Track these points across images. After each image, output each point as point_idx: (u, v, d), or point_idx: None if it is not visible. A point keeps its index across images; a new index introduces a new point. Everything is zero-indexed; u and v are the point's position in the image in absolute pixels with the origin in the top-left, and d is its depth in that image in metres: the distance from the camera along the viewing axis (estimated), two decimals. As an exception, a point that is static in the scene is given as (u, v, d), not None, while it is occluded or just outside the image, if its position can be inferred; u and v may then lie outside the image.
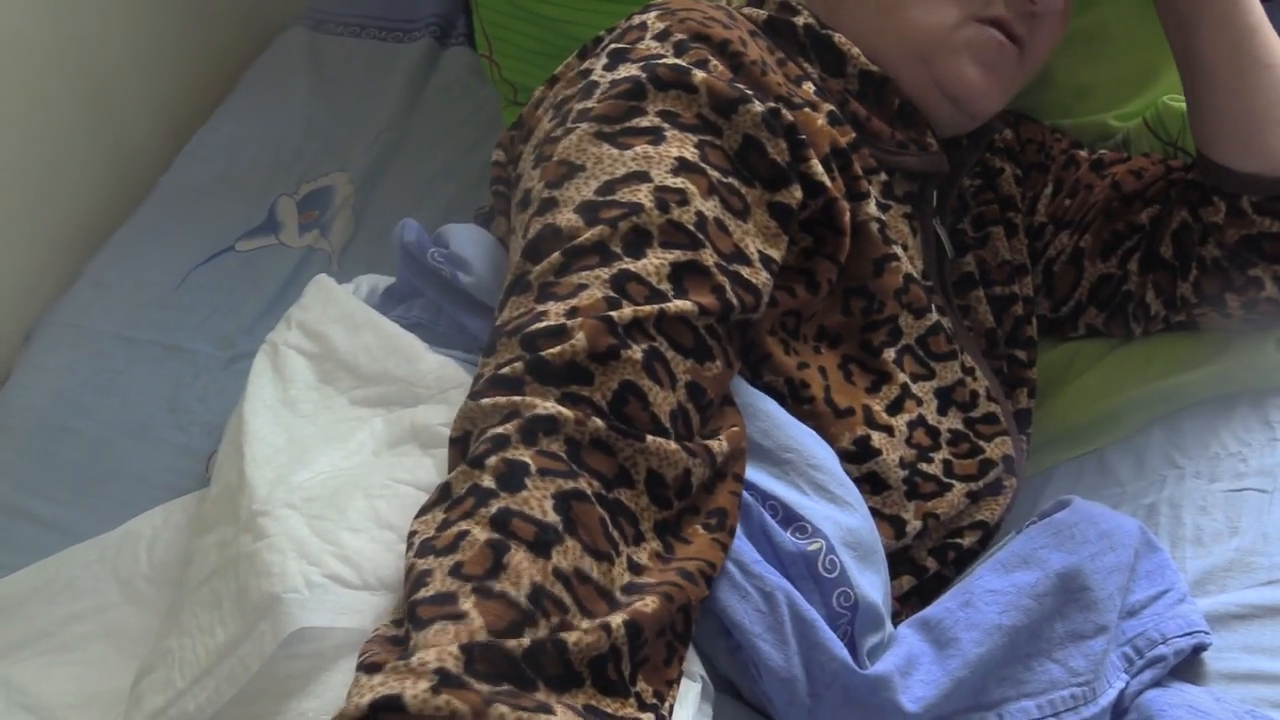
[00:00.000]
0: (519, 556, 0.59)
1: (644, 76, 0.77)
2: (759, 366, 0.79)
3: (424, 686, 0.54)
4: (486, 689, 0.55)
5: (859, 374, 0.84)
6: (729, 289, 0.72)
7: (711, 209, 0.74)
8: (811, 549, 0.71)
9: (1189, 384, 0.95)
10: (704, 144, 0.76)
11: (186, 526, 0.89)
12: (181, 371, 1.19)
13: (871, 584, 0.72)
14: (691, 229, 0.72)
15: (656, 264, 0.70)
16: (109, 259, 1.32)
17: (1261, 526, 0.84)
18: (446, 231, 0.90)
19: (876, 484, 0.81)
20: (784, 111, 0.78)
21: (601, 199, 0.72)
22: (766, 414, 0.75)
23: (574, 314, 0.67)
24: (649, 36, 0.81)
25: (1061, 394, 1.01)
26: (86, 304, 1.28)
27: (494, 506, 0.61)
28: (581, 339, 0.66)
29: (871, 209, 0.83)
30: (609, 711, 0.59)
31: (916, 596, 0.83)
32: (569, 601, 0.60)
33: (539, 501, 0.61)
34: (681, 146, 0.75)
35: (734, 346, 0.74)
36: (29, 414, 1.18)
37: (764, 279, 0.75)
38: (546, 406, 0.64)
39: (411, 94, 1.44)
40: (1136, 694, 0.75)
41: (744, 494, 0.70)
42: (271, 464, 0.77)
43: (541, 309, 0.68)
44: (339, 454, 0.78)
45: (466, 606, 0.57)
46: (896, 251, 0.84)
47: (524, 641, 0.57)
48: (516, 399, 0.65)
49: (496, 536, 0.60)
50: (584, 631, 0.58)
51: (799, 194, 0.78)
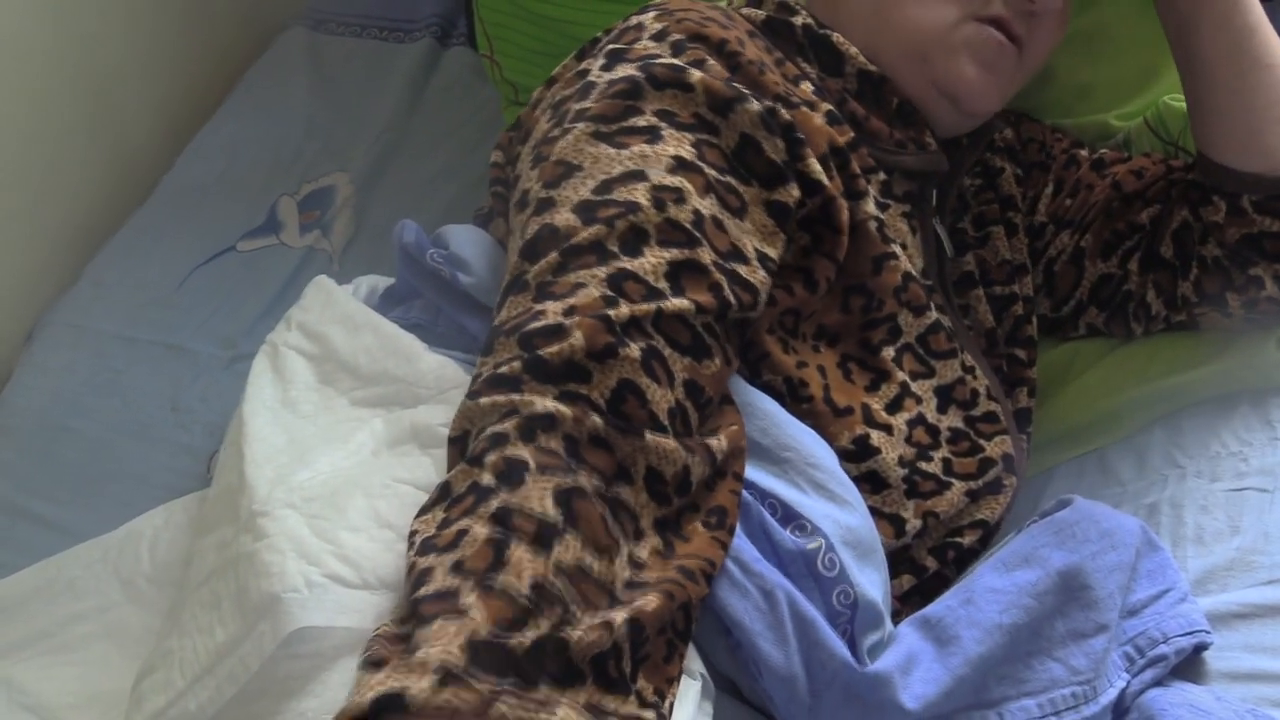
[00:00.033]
0: (520, 552, 0.59)
1: (641, 76, 0.77)
2: (758, 365, 0.79)
3: (427, 683, 0.54)
4: (489, 686, 0.55)
5: (858, 372, 0.84)
6: (726, 287, 0.72)
7: (709, 207, 0.74)
8: (811, 547, 0.71)
9: (1190, 383, 0.95)
10: (701, 143, 0.76)
11: (188, 526, 0.89)
12: (182, 371, 1.20)
13: (871, 582, 0.72)
14: (689, 227, 0.72)
15: (654, 262, 0.70)
16: (110, 259, 1.32)
17: (1262, 526, 0.84)
18: (445, 232, 0.90)
19: (876, 482, 0.81)
20: (781, 110, 0.78)
21: (598, 198, 0.72)
22: (765, 413, 0.75)
23: (572, 313, 0.67)
24: (646, 37, 0.81)
25: (1062, 394, 1.01)
26: (87, 304, 1.28)
27: (494, 503, 0.61)
28: (579, 338, 0.66)
29: (870, 208, 0.83)
30: (610, 709, 0.59)
31: (917, 596, 0.83)
32: (570, 597, 0.60)
33: (539, 498, 0.61)
34: (678, 145, 0.75)
35: (732, 345, 0.74)
36: (30, 414, 1.18)
37: (761, 277, 0.75)
38: (545, 404, 0.64)
39: (412, 94, 1.44)
40: (1138, 693, 0.74)
41: (743, 492, 0.70)
42: (271, 464, 0.77)
43: (539, 308, 0.68)
44: (339, 454, 0.78)
45: (468, 602, 0.57)
46: (895, 250, 0.84)
47: (526, 638, 0.57)
48: (515, 397, 0.65)
49: (497, 533, 0.60)
50: (586, 629, 0.58)
51: (796, 192, 0.78)
